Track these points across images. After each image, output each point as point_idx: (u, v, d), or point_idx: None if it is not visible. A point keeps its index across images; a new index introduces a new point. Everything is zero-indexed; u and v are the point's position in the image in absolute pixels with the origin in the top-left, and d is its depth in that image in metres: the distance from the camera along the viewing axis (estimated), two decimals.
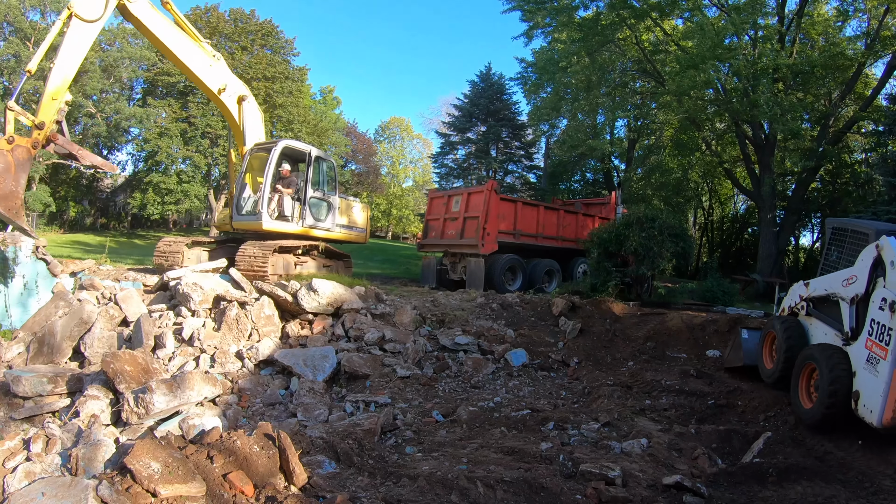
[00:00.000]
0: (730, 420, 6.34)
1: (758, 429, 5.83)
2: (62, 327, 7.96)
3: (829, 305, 6.13)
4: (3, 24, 27.06)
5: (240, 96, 11.23)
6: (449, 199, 15.41)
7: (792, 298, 7.09)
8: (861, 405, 5.06)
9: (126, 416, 5.76)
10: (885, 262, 5.14)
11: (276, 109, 31.72)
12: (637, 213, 12.23)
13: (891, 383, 4.76)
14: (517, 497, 3.86)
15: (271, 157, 10.55)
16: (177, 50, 10.25)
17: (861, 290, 5.41)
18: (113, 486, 3.18)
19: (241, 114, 11.27)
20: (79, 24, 8.67)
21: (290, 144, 11.24)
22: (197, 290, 8.63)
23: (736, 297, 13.07)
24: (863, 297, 5.40)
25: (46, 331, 7.97)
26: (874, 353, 5.02)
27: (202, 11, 31.29)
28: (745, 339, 7.68)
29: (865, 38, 18.02)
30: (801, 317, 6.78)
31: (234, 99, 11.18)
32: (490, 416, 6.04)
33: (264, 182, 10.49)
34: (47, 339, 7.91)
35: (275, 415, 6.57)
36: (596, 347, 9.31)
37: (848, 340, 5.53)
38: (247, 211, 10.84)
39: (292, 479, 3.73)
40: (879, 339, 4.99)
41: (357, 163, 48.35)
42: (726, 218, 33.79)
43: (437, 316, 9.68)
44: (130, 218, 38.73)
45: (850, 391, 5.20)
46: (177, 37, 10.22)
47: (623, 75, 24.17)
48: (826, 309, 6.24)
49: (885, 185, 15.56)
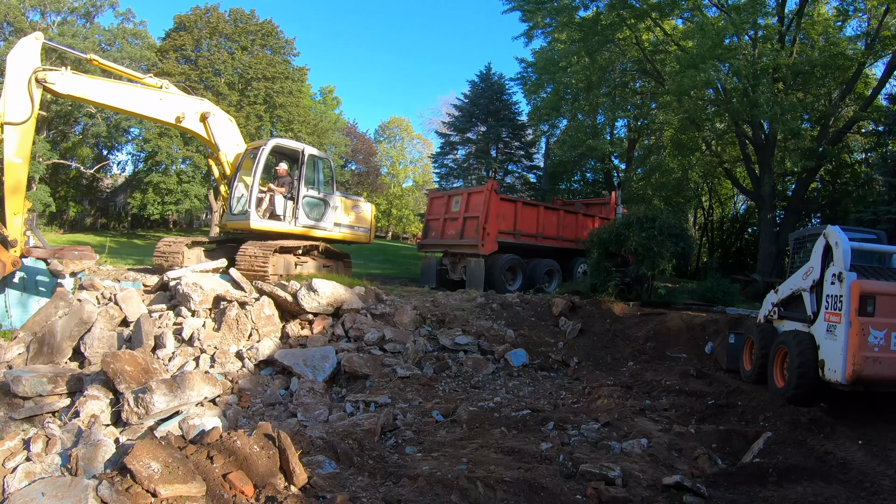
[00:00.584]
0: (730, 420, 6.34)
1: (758, 429, 5.83)
2: (62, 327, 7.96)
3: (796, 302, 7.05)
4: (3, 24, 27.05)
5: (201, 115, 10.66)
6: (449, 199, 15.40)
7: (765, 308, 7.88)
8: (827, 370, 5.93)
9: (126, 416, 5.77)
10: (830, 245, 6.17)
11: (276, 109, 31.70)
12: (637, 213, 12.22)
13: (848, 340, 5.68)
14: (517, 497, 3.86)
15: (259, 157, 10.53)
16: (121, 104, 9.81)
17: (817, 275, 6.38)
18: (113, 486, 3.18)
19: (208, 130, 10.80)
20: (13, 130, 8.35)
21: (280, 143, 11.23)
22: (197, 290, 8.63)
23: (736, 297, 13.05)
24: (818, 280, 6.35)
25: (46, 331, 7.97)
26: (831, 321, 6.00)
27: (202, 11, 31.27)
28: (731, 343, 8.16)
29: (865, 38, 18.02)
30: (775, 322, 7.60)
31: (196, 120, 10.66)
32: (490, 416, 6.04)
33: (252, 181, 10.48)
34: (47, 339, 7.91)
35: (275, 415, 6.58)
36: (596, 347, 9.31)
37: (811, 322, 6.44)
38: (237, 211, 10.86)
39: (292, 479, 3.73)
40: (834, 308, 5.98)
41: (357, 163, 48.35)
42: (726, 218, 33.77)
43: (437, 316, 9.68)
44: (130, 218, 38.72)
45: (817, 362, 6.09)
46: (115, 92, 9.63)
47: (623, 75, 24.17)
48: (793, 307, 7.15)
49: (885, 185, 15.56)
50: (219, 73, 30.80)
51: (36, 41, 8.72)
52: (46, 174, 29.16)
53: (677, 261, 12.68)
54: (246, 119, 29.66)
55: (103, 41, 29.10)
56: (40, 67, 8.64)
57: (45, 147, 25.93)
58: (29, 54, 8.61)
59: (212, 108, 10.90)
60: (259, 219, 10.45)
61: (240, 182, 10.99)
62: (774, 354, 6.89)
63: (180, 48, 30.71)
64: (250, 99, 31.01)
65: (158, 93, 10.23)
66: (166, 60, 29.82)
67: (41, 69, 8.63)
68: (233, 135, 11.25)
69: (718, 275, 14.13)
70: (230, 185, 11.06)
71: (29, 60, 8.59)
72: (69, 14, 28.35)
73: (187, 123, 10.59)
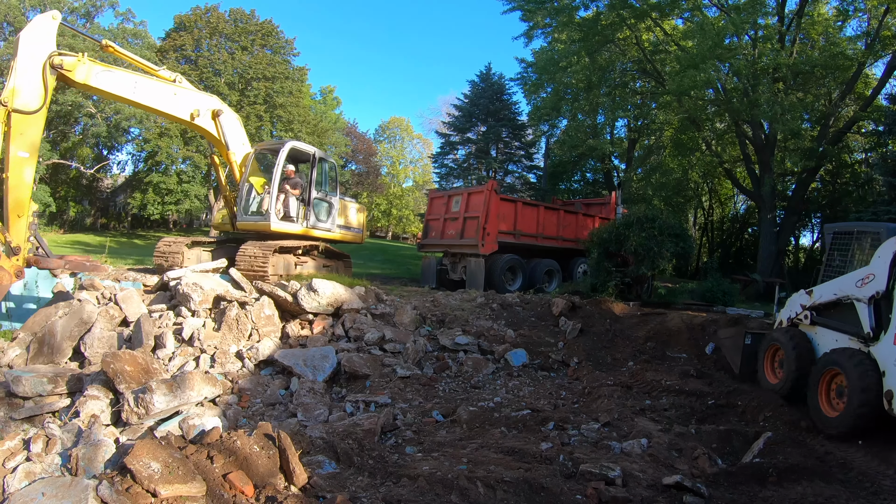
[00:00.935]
0: (730, 420, 6.34)
1: (758, 429, 5.83)
2: (62, 327, 7.95)
3: (841, 311, 6.00)
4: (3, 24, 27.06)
5: (213, 112, 10.22)
6: (449, 199, 15.41)
7: (792, 309, 6.91)
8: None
9: (126, 416, 5.76)
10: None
11: (276, 109, 31.72)
12: (637, 213, 12.22)
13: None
14: (517, 497, 3.86)
15: (279, 159, 10.51)
16: (139, 98, 9.09)
17: (882, 286, 5.35)
18: (113, 486, 3.18)
19: (219, 129, 10.42)
20: (21, 120, 7.44)
21: (296, 146, 11.22)
22: (197, 290, 8.63)
23: (736, 297, 13.06)
24: (884, 293, 5.33)
25: (46, 331, 7.97)
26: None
27: (202, 11, 31.29)
28: (747, 345, 7.38)
29: (865, 38, 18.03)
30: (804, 326, 6.64)
31: (209, 117, 10.21)
32: (490, 416, 6.04)
33: (273, 183, 10.43)
34: (47, 339, 7.91)
35: (275, 415, 6.57)
36: (596, 347, 9.30)
37: (869, 341, 5.41)
38: (253, 211, 10.83)
39: (292, 479, 3.73)
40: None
41: (357, 163, 48.36)
42: (726, 218, 33.79)
43: (437, 316, 9.68)
44: (130, 218, 38.73)
45: (881, 392, 5.08)
46: (135, 85, 8.94)
47: (623, 75, 24.16)
48: (836, 315, 6.11)
49: (885, 185, 15.58)
50: (219, 73, 30.83)
51: (52, 20, 7.77)
52: (46, 174, 29.16)
53: (677, 261, 12.70)
54: (246, 119, 29.69)
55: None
56: (56, 51, 7.74)
57: (45, 147, 25.95)
58: (45, 34, 7.67)
59: (222, 106, 10.59)
60: (277, 220, 10.52)
61: (246, 183, 10.99)
62: (820, 375, 5.84)
63: (180, 48, 30.74)
64: (250, 99, 31.04)
65: (173, 87, 9.70)
66: (166, 60, 29.84)
67: (57, 53, 7.72)
68: (241, 134, 11.06)
69: (718, 275, 14.14)
70: (241, 185, 11.03)
71: (44, 42, 7.64)
72: (69, 14, 28.39)
73: (200, 121, 10.06)
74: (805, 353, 6.29)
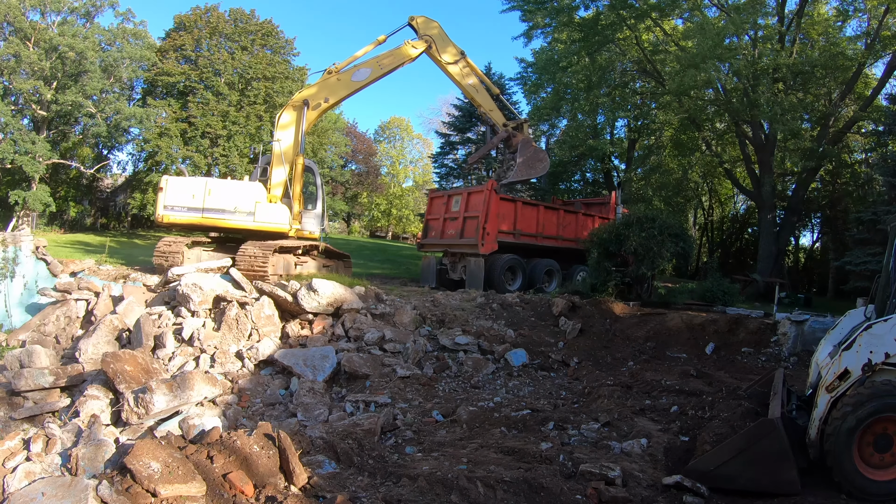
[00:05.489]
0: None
1: None
2: (62, 328, 7.96)
3: None
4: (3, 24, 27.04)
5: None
6: (449, 198, 15.40)
7: (874, 350, 4.19)
8: None
9: (126, 416, 5.77)
10: None
11: (276, 109, 31.66)
12: (637, 213, 12.21)
13: None
14: (517, 497, 3.86)
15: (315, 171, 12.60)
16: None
17: None
18: (113, 486, 3.18)
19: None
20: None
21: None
22: (197, 290, 8.62)
23: (736, 297, 13.04)
24: None
25: (46, 331, 7.97)
26: None
27: (202, 11, 31.26)
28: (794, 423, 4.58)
29: (865, 38, 18.04)
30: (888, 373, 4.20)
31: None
32: (490, 416, 6.04)
33: (318, 193, 12.22)
34: (47, 339, 7.91)
35: (275, 415, 6.57)
36: (596, 347, 9.30)
37: None
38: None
39: (292, 479, 3.73)
40: None
41: (357, 163, 48.33)
42: (726, 218, 33.79)
43: (437, 316, 9.67)
44: (130, 218, 38.71)
45: None
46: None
47: (623, 75, 24.17)
48: None
49: (885, 185, 15.58)
50: (219, 73, 30.79)
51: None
52: (47, 174, 29.15)
53: (677, 261, 12.68)
54: (246, 119, 29.65)
55: (103, 41, 29.06)
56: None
57: (46, 147, 25.92)
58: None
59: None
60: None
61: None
62: None
63: (180, 48, 30.70)
64: (250, 99, 31.00)
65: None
66: (166, 60, 29.82)
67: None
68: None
69: (718, 275, 14.12)
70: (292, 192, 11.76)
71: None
72: (69, 14, 28.32)
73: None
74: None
